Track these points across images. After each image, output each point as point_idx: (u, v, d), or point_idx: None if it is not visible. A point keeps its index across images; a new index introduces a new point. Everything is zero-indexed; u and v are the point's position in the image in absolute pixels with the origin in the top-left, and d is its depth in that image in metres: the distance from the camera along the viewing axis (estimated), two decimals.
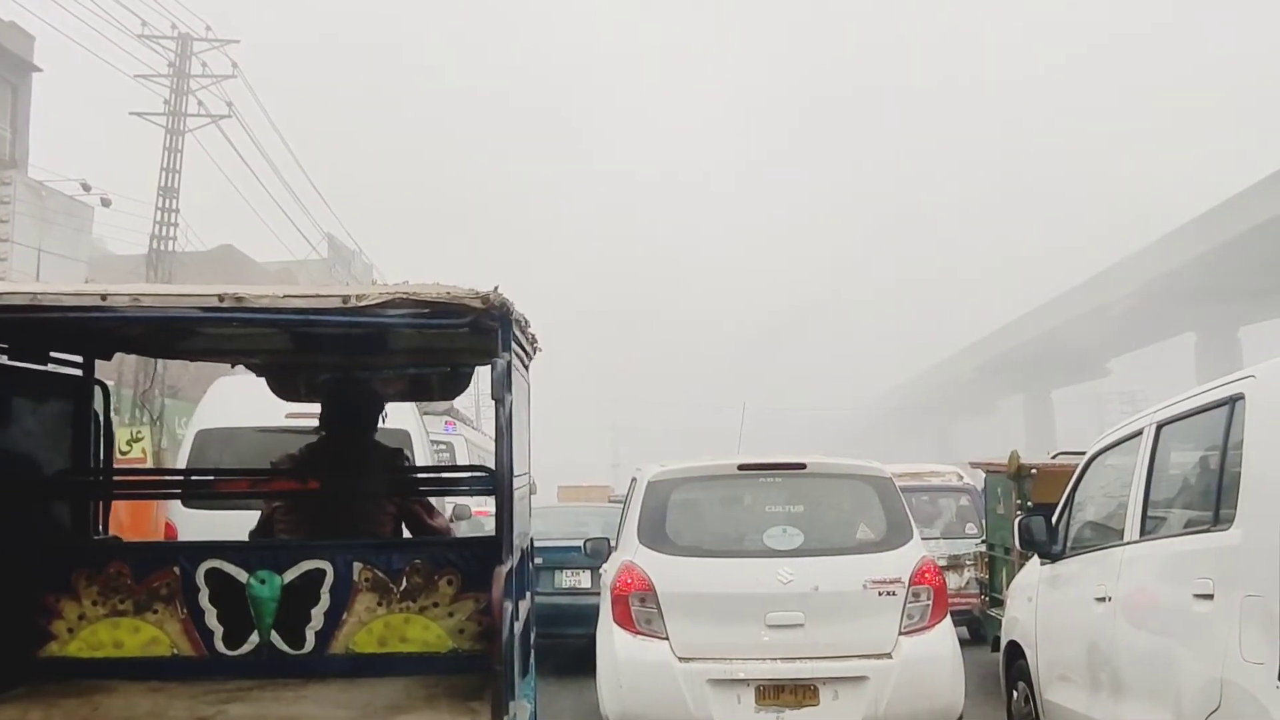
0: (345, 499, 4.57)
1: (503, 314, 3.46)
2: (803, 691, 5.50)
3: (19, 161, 22.21)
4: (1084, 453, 5.91)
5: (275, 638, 4.01)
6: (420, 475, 5.89)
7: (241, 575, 4.03)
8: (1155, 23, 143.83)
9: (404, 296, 3.37)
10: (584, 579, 9.56)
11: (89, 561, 4.06)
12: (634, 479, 6.82)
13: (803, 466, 6.20)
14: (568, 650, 8.78)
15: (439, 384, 5.13)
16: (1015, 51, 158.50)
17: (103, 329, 4.07)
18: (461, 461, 12.25)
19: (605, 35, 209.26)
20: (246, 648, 4.01)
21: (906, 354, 78.11)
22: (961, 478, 12.82)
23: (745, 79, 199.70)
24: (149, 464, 20.45)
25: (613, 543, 7.03)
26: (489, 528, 5.01)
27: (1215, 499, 4.07)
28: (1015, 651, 6.10)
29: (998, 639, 6.99)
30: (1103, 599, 4.82)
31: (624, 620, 5.78)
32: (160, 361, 23.09)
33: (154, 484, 6.60)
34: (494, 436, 3.73)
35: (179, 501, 7.66)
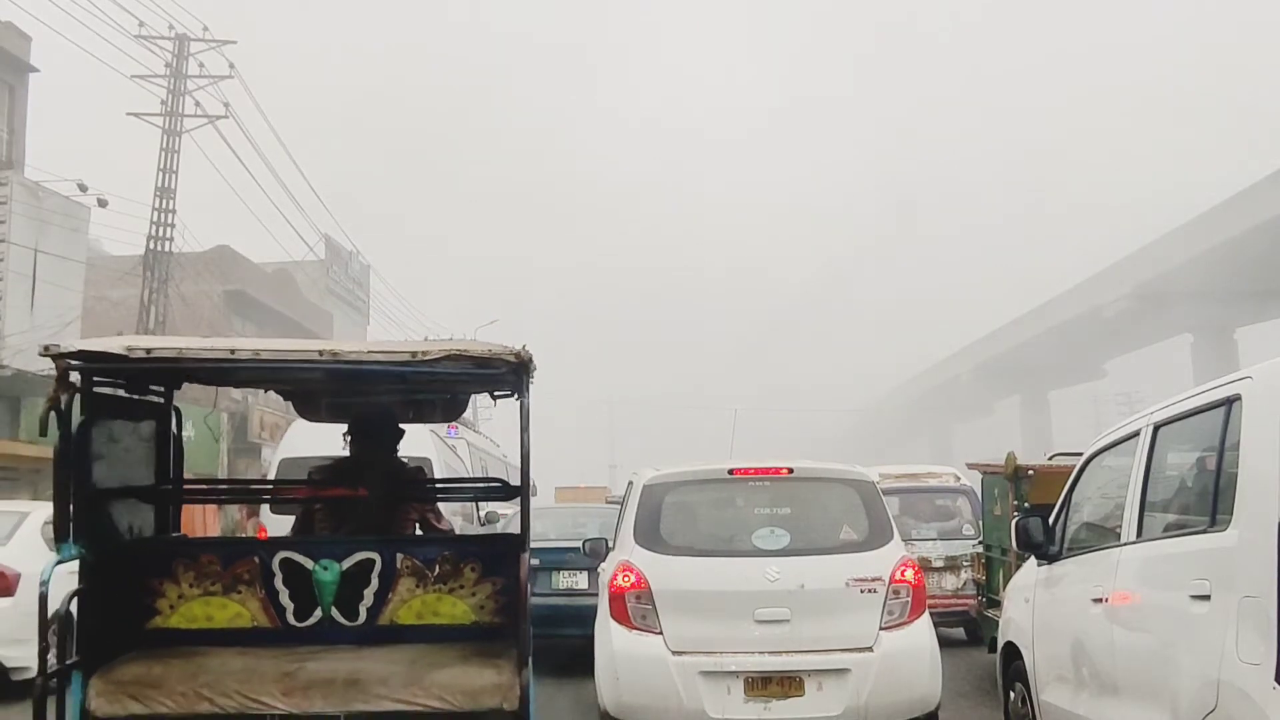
0: (376, 504, 5.50)
1: (527, 365, 4.43)
2: (789, 682, 5.73)
3: (16, 162, 22.15)
4: (1081, 454, 5.92)
5: (335, 613, 4.92)
6: (451, 485, 7.23)
7: (308, 563, 4.94)
8: (1154, 25, 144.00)
9: (458, 353, 4.39)
10: (581, 580, 9.57)
11: (186, 553, 5.03)
12: (630, 482, 7.00)
13: (790, 471, 6.43)
14: (566, 650, 8.80)
15: (442, 408, 6.04)
16: (1014, 51, 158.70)
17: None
18: (465, 459, 14.41)
19: (602, 33, 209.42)
20: (312, 620, 4.91)
21: (904, 355, 78.18)
22: (959, 479, 12.81)
23: (740, 77, 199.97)
24: None
25: (610, 543, 7.17)
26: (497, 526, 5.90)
27: (1212, 500, 4.07)
28: (1012, 652, 6.11)
29: (994, 640, 7.00)
30: (1099, 600, 4.83)
31: (620, 616, 5.98)
32: None
33: (216, 492, 8.49)
34: (495, 444, 4.66)
35: (269, 509, 10.27)
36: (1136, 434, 4.97)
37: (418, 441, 9.47)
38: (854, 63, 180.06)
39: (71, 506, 4.30)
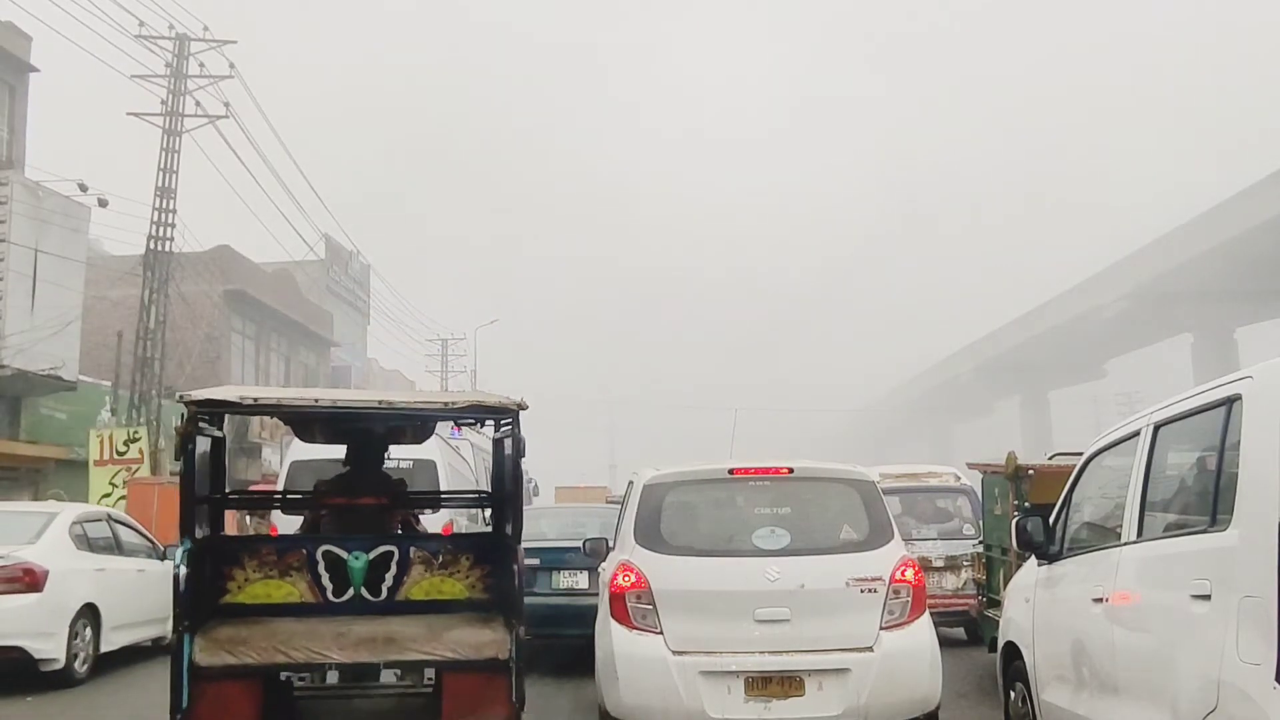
0: (374, 509, 6.96)
1: (522, 409, 6.11)
2: (789, 682, 5.72)
3: (16, 162, 22.12)
4: (1081, 453, 5.92)
5: (363, 591, 6.35)
6: (452, 495, 9.71)
7: (344, 554, 6.35)
8: (1155, 25, 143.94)
9: (479, 404, 6.29)
10: (581, 579, 9.54)
11: (250, 546, 6.57)
12: (630, 482, 6.98)
13: (790, 471, 6.41)
14: (566, 650, 8.79)
15: (412, 432, 7.46)
16: (1015, 52, 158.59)
17: None
18: (468, 458, 15.59)
19: (604, 35, 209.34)
20: (345, 597, 6.32)
21: (904, 355, 78.17)
22: (959, 479, 12.78)
23: (742, 79, 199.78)
24: (145, 463, 20.50)
25: (610, 543, 7.15)
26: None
27: (1212, 500, 4.07)
28: (1012, 652, 6.11)
29: (995, 640, 6.99)
30: (1100, 600, 4.83)
31: (621, 616, 5.97)
32: (157, 361, 23.15)
33: (264, 500, 10.54)
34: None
35: (280, 511, 11.86)
36: (1136, 434, 4.96)
37: (423, 444, 9.75)
38: (855, 65, 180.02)
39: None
